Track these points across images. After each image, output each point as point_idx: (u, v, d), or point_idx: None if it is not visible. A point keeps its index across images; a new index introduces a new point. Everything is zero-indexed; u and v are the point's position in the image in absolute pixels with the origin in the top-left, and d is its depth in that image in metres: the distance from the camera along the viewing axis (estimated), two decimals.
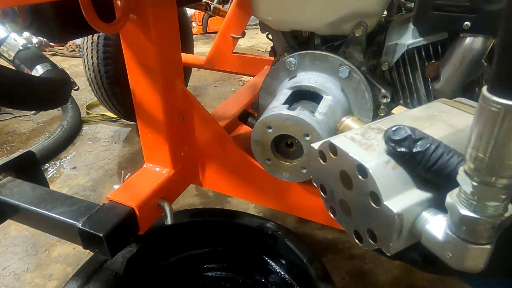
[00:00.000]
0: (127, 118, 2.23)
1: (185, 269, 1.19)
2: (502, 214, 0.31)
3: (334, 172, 0.42)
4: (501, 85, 0.26)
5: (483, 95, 0.27)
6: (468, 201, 0.31)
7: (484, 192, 0.30)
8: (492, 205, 0.30)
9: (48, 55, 3.51)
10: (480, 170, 0.29)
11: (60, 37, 0.74)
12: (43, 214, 0.84)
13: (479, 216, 0.31)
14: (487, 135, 0.28)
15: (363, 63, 0.85)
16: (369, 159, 0.38)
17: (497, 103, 0.26)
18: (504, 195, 0.30)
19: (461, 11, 0.68)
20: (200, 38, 4.72)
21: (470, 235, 0.32)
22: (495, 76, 0.27)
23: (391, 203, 0.36)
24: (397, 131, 0.37)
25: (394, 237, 0.37)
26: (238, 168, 1.04)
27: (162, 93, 0.88)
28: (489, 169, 0.29)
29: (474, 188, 0.30)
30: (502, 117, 0.26)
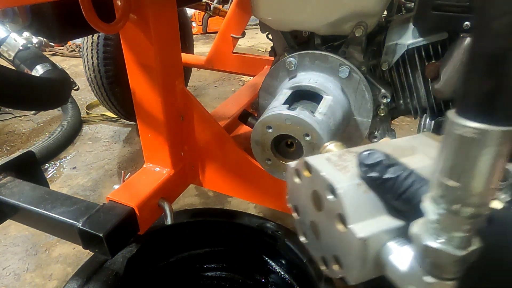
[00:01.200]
0: (127, 118, 2.23)
1: (185, 269, 1.19)
2: (467, 247, 0.29)
3: (307, 191, 0.41)
4: (478, 110, 0.24)
5: (450, 119, 0.25)
6: (432, 231, 0.29)
7: (449, 222, 0.28)
8: (456, 236, 0.28)
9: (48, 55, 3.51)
10: (445, 198, 0.27)
11: (60, 37, 0.74)
12: (43, 214, 0.84)
13: (443, 248, 0.29)
14: (455, 161, 0.26)
15: (363, 63, 0.85)
16: (340, 180, 0.37)
17: (468, 127, 0.24)
18: (470, 225, 0.28)
19: (461, 11, 0.68)
20: (200, 38, 4.72)
21: (433, 268, 0.30)
22: (470, 99, 0.25)
23: (357, 227, 0.34)
24: (370, 155, 0.36)
25: (357, 265, 0.35)
26: (238, 168, 1.04)
27: (162, 93, 0.88)
28: (455, 196, 0.27)
29: (438, 216, 0.28)
30: (473, 142, 0.24)
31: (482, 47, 0.23)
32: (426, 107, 0.87)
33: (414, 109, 0.89)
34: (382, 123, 0.92)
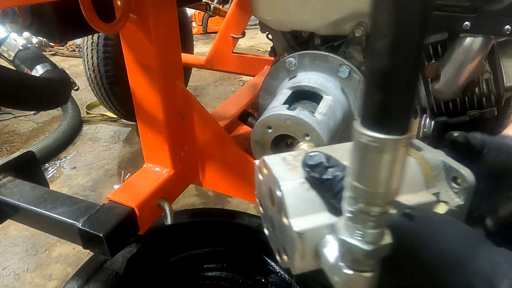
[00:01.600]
0: (127, 118, 2.23)
1: (185, 269, 1.19)
2: (377, 242, 0.31)
3: (265, 188, 0.44)
4: (372, 120, 0.26)
5: (355, 128, 0.28)
6: (348, 227, 0.32)
7: (360, 219, 0.30)
8: (367, 232, 0.31)
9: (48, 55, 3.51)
10: (355, 198, 0.30)
11: (60, 37, 0.74)
12: (43, 214, 0.84)
13: (354, 242, 0.31)
14: (360, 165, 0.28)
15: (363, 63, 0.85)
16: (286, 178, 0.39)
17: (368, 136, 0.27)
18: (378, 222, 0.30)
19: (461, 11, 0.68)
20: (200, 38, 4.72)
21: (349, 261, 0.33)
22: (366, 111, 0.27)
23: (296, 221, 0.37)
24: (312, 157, 0.39)
25: (297, 256, 0.37)
26: (238, 168, 1.04)
27: (162, 93, 0.88)
28: (362, 197, 0.29)
29: (351, 214, 0.31)
30: (373, 149, 0.27)
31: (371, 65, 0.26)
32: (426, 107, 0.87)
33: (414, 109, 0.89)
34: None
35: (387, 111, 0.26)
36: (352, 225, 0.31)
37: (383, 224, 0.31)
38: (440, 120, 0.87)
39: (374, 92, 0.26)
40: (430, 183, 0.41)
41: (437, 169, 0.43)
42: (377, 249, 0.31)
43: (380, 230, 0.31)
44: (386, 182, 0.28)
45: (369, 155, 0.27)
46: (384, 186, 0.28)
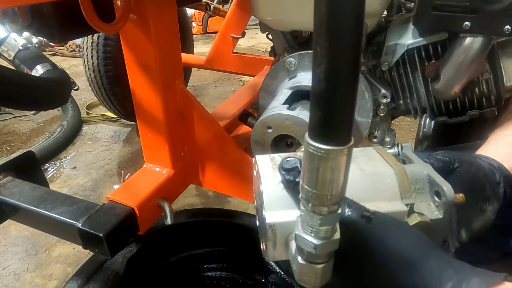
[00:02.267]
0: (127, 118, 2.23)
1: (185, 269, 1.19)
2: (326, 237, 0.35)
3: (257, 183, 0.48)
4: (315, 133, 0.31)
5: (305, 140, 0.32)
6: (303, 223, 0.36)
7: (310, 217, 0.35)
8: (317, 228, 0.35)
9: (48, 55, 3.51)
10: (307, 199, 0.34)
11: (60, 37, 0.74)
12: (43, 214, 0.84)
13: (305, 236, 0.36)
14: (309, 171, 0.32)
15: (363, 63, 0.85)
16: (268, 176, 0.44)
17: (313, 146, 0.31)
18: (326, 220, 0.34)
19: (461, 11, 0.68)
20: (200, 38, 4.72)
21: (303, 253, 0.37)
22: (311, 124, 0.31)
23: (269, 214, 0.42)
24: (288, 161, 0.42)
25: (269, 246, 0.42)
26: (238, 168, 1.04)
27: (162, 93, 0.88)
28: (312, 198, 0.33)
29: (304, 213, 0.35)
30: (317, 158, 0.31)
31: (312, 87, 0.29)
32: (426, 107, 0.87)
33: (414, 109, 0.89)
34: (382, 123, 0.92)
35: (327, 126, 0.30)
36: (305, 222, 0.35)
37: (331, 221, 0.35)
38: (440, 120, 0.87)
39: (316, 110, 0.30)
40: (406, 194, 0.44)
41: (422, 182, 0.46)
42: (325, 244, 0.35)
43: (329, 227, 0.35)
44: (330, 186, 0.32)
45: (314, 163, 0.31)
46: (329, 189, 0.32)
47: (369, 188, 0.44)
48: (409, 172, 0.46)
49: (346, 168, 0.32)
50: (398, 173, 0.44)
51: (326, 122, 0.30)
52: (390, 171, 0.45)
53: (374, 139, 0.93)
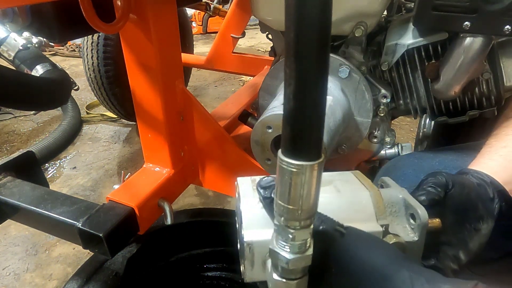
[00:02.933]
0: (127, 118, 2.23)
1: (185, 269, 1.19)
2: (299, 252, 0.35)
3: (237, 204, 0.49)
4: (287, 149, 0.32)
5: (278, 155, 0.33)
6: (277, 238, 0.36)
7: (283, 232, 0.35)
8: (290, 243, 0.35)
9: (48, 55, 3.51)
10: (280, 214, 0.34)
11: (60, 37, 0.74)
12: (43, 214, 0.84)
13: (279, 251, 0.35)
14: (281, 186, 0.33)
15: (363, 63, 0.85)
16: (247, 196, 0.45)
17: (285, 161, 0.32)
18: (298, 235, 0.34)
19: (461, 11, 0.68)
20: (200, 38, 4.72)
21: (278, 269, 0.37)
22: (283, 141, 0.32)
23: (247, 233, 0.42)
24: (265, 180, 0.43)
25: (247, 265, 0.42)
26: (238, 168, 1.04)
27: (162, 93, 0.88)
28: (285, 213, 0.34)
29: (278, 228, 0.35)
30: (289, 173, 0.32)
31: (284, 104, 0.31)
32: (426, 107, 0.87)
33: (414, 109, 0.89)
34: (382, 123, 0.92)
35: (297, 142, 0.31)
36: (279, 237, 0.35)
37: (304, 236, 0.35)
38: (440, 120, 0.87)
39: (287, 127, 0.31)
40: (381, 216, 0.45)
41: (398, 205, 0.47)
42: (298, 258, 0.35)
43: (301, 241, 0.35)
44: (301, 200, 0.33)
45: (286, 178, 0.32)
46: (300, 204, 0.33)
47: (345, 208, 0.45)
48: (385, 195, 0.47)
49: (317, 184, 0.33)
50: (373, 195, 0.46)
51: (295, 138, 0.31)
52: (366, 193, 0.46)
53: (374, 139, 0.93)
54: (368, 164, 1.02)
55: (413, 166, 0.77)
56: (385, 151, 0.96)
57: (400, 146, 0.95)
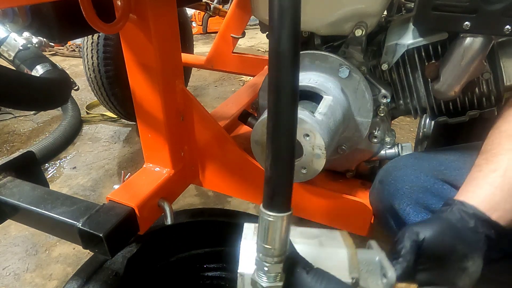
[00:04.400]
0: (127, 118, 2.23)
1: (185, 269, 1.19)
2: (273, 282, 0.45)
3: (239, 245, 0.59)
4: (265, 203, 0.42)
5: (260, 208, 0.43)
6: (257, 270, 0.46)
7: (261, 266, 0.45)
8: (266, 275, 0.45)
9: (48, 55, 3.51)
10: (260, 251, 0.44)
11: (60, 37, 0.74)
12: (43, 214, 0.84)
13: (256, 280, 0.45)
14: (261, 230, 0.43)
15: (363, 63, 0.85)
16: (248, 237, 0.56)
17: (264, 213, 0.42)
18: (271, 269, 0.44)
19: (461, 11, 0.68)
20: (200, 38, 4.72)
21: None
22: (263, 197, 0.42)
23: (242, 265, 0.51)
24: None
25: None
26: (238, 168, 1.04)
27: (162, 93, 0.88)
28: (262, 251, 0.44)
29: (258, 262, 0.45)
30: (266, 221, 0.42)
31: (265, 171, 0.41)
32: (426, 107, 0.87)
33: (414, 109, 0.89)
34: (382, 123, 0.92)
35: (273, 201, 0.42)
36: (259, 269, 0.45)
37: (276, 270, 0.44)
38: (440, 120, 0.87)
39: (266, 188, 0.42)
40: (353, 270, 0.53)
41: (374, 265, 0.55)
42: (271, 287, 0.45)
43: (275, 274, 0.45)
44: (274, 242, 0.43)
45: (264, 224, 0.43)
46: (273, 244, 0.43)
47: (322, 258, 0.53)
48: (364, 255, 0.56)
49: (286, 229, 0.43)
50: (349, 253, 0.54)
51: (272, 198, 0.42)
52: (344, 250, 0.55)
53: (374, 139, 0.93)
54: (368, 164, 1.02)
55: (413, 166, 0.77)
56: (385, 151, 0.96)
57: (400, 146, 0.95)
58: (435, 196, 0.71)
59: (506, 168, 0.58)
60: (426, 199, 0.71)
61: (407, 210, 0.72)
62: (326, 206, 1.00)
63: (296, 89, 0.39)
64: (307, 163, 0.76)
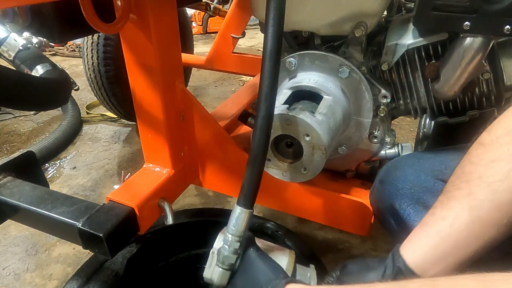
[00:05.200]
0: (127, 118, 2.23)
1: (185, 269, 1.19)
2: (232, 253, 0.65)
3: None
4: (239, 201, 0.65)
5: (235, 203, 0.61)
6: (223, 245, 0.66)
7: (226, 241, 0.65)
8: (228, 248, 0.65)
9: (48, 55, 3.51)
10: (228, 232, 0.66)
11: (60, 37, 0.74)
12: (43, 214, 0.84)
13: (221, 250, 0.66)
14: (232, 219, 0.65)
15: (363, 63, 0.85)
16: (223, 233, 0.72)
17: (237, 208, 0.61)
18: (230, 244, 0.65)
19: (461, 11, 0.68)
20: (200, 38, 4.72)
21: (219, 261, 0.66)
22: (239, 196, 0.65)
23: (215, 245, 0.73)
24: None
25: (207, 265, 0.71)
26: (238, 168, 1.04)
27: (162, 93, 0.88)
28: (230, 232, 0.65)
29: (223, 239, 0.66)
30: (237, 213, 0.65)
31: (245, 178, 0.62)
32: (426, 107, 0.87)
33: (414, 109, 0.89)
34: (382, 123, 0.92)
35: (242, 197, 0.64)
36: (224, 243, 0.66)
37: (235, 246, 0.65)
38: (440, 120, 0.87)
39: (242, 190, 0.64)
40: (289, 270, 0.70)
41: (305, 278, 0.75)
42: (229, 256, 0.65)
43: (233, 249, 0.65)
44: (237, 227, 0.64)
45: (234, 213, 0.65)
46: (236, 228, 0.64)
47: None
48: (301, 269, 0.75)
49: (247, 221, 0.65)
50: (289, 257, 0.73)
51: (241, 198, 0.64)
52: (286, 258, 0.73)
53: (374, 139, 0.93)
54: (368, 164, 1.02)
55: (413, 166, 0.77)
56: (385, 151, 0.96)
57: (400, 146, 0.95)
58: (436, 196, 0.70)
59: (455, 217, 0.55)
60: (426, 199, 0.71)
61: (407, 210, 0.72)
62: (326, 206, 1.00)
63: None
64: (307, 163, 0.76)
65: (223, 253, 0.65)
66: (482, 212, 0.53)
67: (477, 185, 0.54)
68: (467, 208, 0.54)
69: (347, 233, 1.33)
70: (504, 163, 0.52)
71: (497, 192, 0.52)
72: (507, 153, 0.52)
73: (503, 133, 0.53)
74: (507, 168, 0.51)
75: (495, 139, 0.54)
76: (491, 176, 0.52)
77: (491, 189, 0.52)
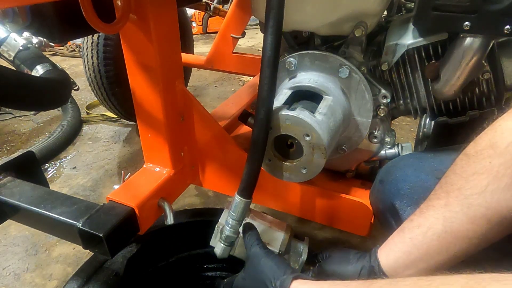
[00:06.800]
0: (127, 118, 2.23)
1: (185, 269, 1.19)
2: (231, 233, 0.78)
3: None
4: (239, 192, 0.75)
5: (235, 193, 0.74)
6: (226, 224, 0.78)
7: (228, 223, 0.78)
8: (229, 229, 0.78)
9: (48, 55, 3.51)
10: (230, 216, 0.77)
11: (60, 37, 0.74)
12: (43, 214, 0.84)
13: (224, 230, 0.79)
14: (233, 207, 0.77)
15: (363, 63, 0.85)
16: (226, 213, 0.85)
17: (237, 197, 0.74)
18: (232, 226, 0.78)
19: (461, 11, 0.68)
20: (200, 38, 4.72)
21: (221, 238, 0.80)
22: (239, 187, 0.75)
23: (221, 220, 0.88)
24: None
25: (213, 237, 0.86)
26: (238, 168, 1.04)
27: (162, 93, 0.88)
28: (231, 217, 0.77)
29: (226, 221, 0.78)
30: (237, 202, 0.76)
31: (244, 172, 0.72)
32: (426, 107, 0.87)
33: (414, 109, 0.89)
34: (382, 123, 0.92)
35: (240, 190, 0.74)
36: (226, 225, 0.78)
37: (236, 228, 0.78)
38: (440, 120, 0.87)
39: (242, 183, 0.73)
40: (282, 247, 0.83)
41: (298, 250, 0.87)
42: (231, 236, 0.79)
43: (234, 230, 0.78)
44: (237, 213, 0.75)
45: (234, 202, 0.75)
46: (236, 213, 0.76)
47: (266, 234, 0.84)
48: (295, 242, 0.87)
49: (245, 209, 0.75)
50: (285, 236, 0.85)
51: (241, 189, 0.73)
52: (282, 233, 0.86)
53: (374, 139, 0.93)
54: (368, 164, 1.02)
55: (413, 166, 0.77)
56: (385, 151, 0.96)
57: (400, 146, 0.95)
58: None
59: (429, 226, 0.56)
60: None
61: (407, 210, 0.72)
62: (326, 206, 1.00)
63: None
64: (307, 163, 0.76)
65: (225, 233, 0.78)
66: (454, 224, 0.54)
67: (455, 197, 0.55)
68: (442, 218, 0.55)
69: (347, 233, 1.33)
70: (484, 176, 0.52)
71: (472, 206, 0.53)
72: (488, 166, 0.52)
73: (487, 146, 0.53)
74: (485, 182, 0.51)
75: (479, 151, 0.54)
76: (469, 189, 0.53)
77: (467, 202, 0.53)
